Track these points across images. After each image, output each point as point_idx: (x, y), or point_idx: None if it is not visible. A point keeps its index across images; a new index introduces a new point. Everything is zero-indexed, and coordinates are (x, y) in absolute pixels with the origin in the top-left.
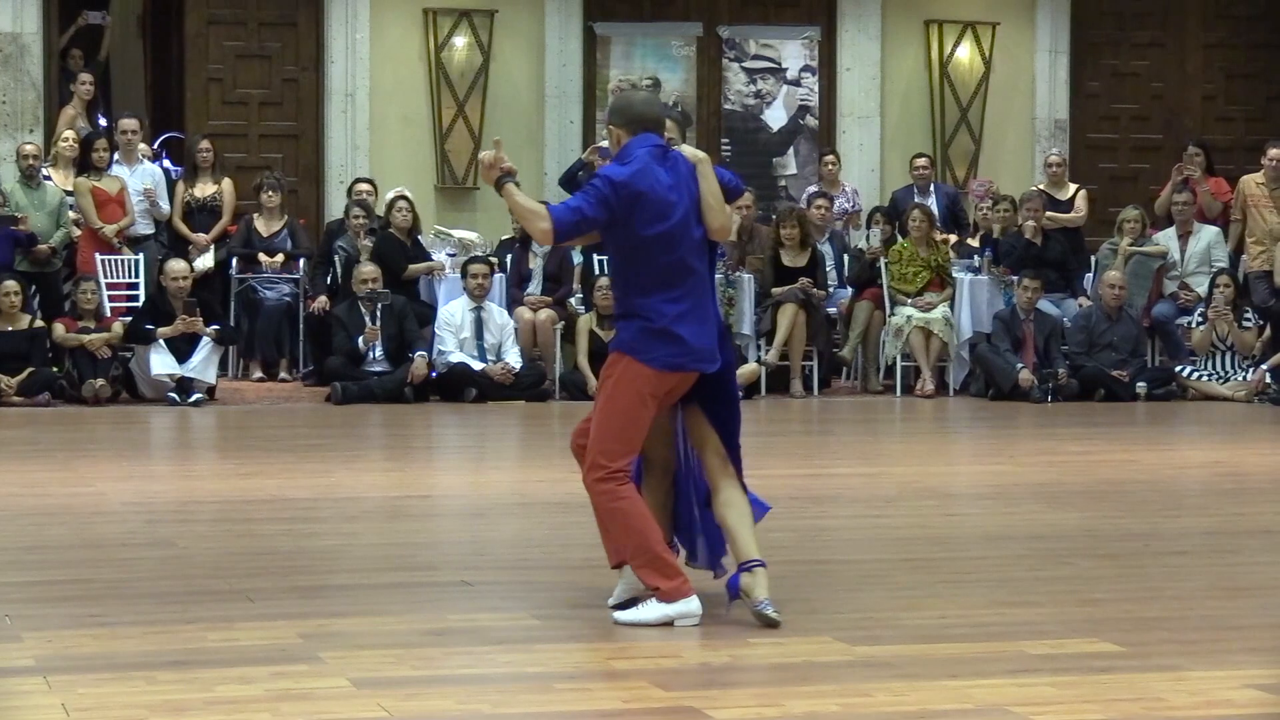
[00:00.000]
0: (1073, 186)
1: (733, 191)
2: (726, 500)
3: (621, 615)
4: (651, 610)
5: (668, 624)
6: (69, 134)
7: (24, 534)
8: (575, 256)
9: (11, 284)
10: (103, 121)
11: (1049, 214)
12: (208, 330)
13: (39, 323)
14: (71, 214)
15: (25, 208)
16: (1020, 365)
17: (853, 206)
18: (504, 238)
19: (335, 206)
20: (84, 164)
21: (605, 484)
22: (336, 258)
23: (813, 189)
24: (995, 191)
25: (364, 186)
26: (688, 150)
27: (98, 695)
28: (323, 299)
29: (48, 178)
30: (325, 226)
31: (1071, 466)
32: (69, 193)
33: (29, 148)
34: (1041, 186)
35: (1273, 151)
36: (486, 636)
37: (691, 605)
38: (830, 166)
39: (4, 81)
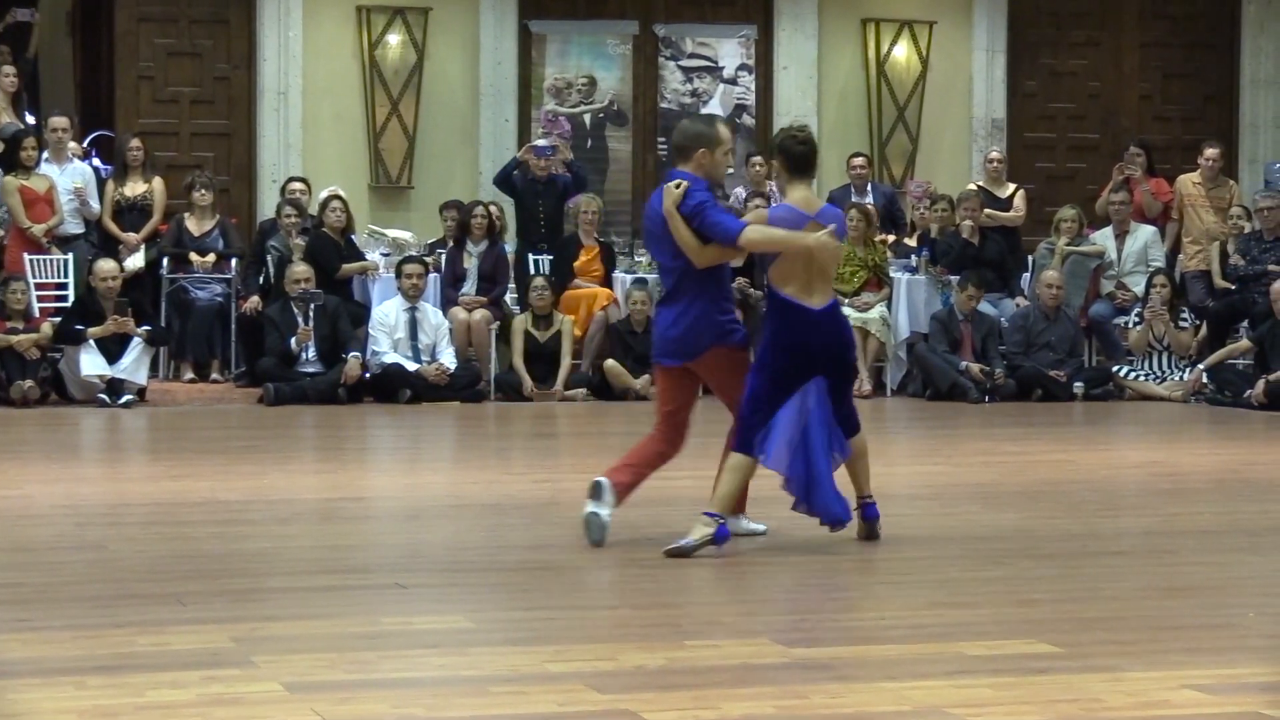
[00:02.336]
0: (1011, 185)
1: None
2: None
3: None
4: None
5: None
6: None
7: None
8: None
9: None
10: (31, 120)
11: (988, 212)
12: (138, 331)
13: None
14: None
15: None
16: (963, 363)
17: None
18: (437, 237)
19: (267, 206)
20: (11, 162)
21: None
22: (269, 257)
23: (742, 191)
24: (933, 192)
25: (297, 185)
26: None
27: (27, 701)
28: (255, 299)
29: None
30: (257, 226)
31: (1009, 467)
32: None
33: None
34: (981, 184)
35: (1209, 151)
36: (421, 640)
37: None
38: (757, 168)
39: None
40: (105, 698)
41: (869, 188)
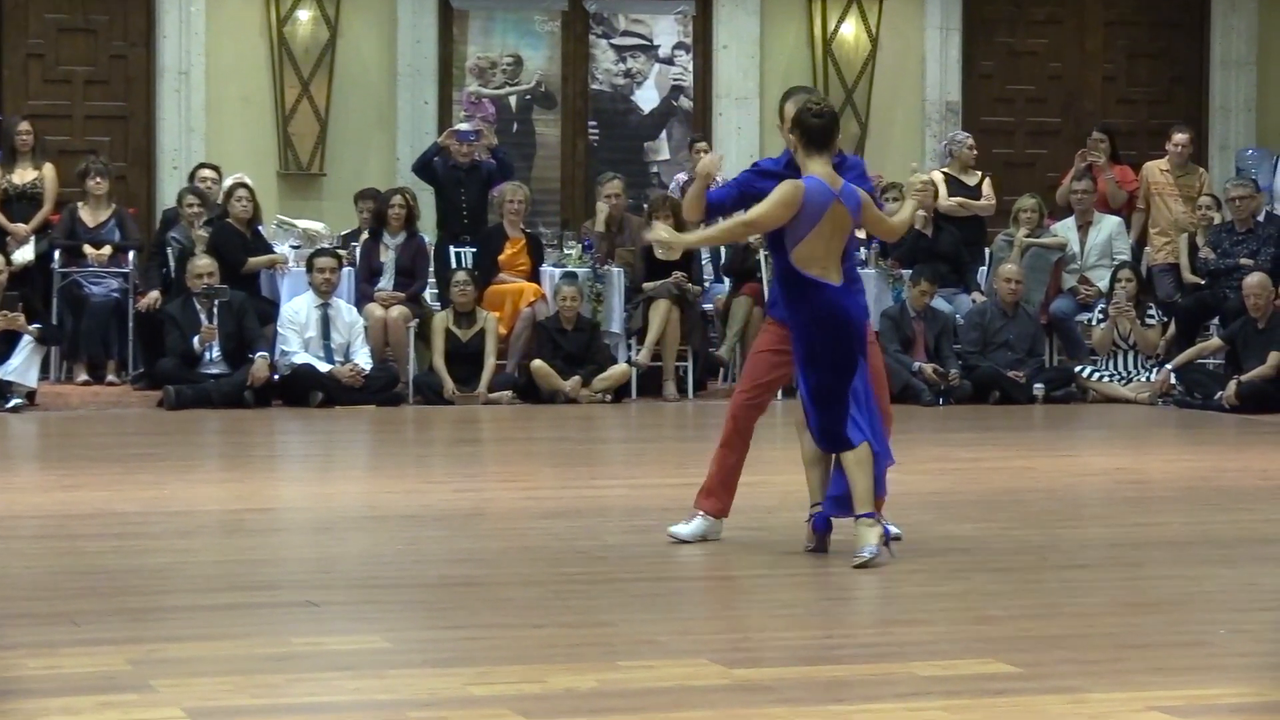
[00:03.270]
0: (979, 173)
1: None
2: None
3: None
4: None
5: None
6: None
7: None
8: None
9: None
10: None
11: (961, 200)
12: (28, 329)
13: None
14: None
15: None
16: (916, 364)
17: None
18: (352, 228)
19: (168, 194)
20: None
21: None
22: (169, 250)
23: (682, 176)
24: (882, 184)
25: (208, 173)
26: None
27: None
28: (154, 295)
29: None
30: (158, 216)
31: (964, 474)
32: None
33: None
34: (946, 170)
35: (1178, 137)
36: (334, 661)
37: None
38: (700, 154)
39: None
40: None
41: None
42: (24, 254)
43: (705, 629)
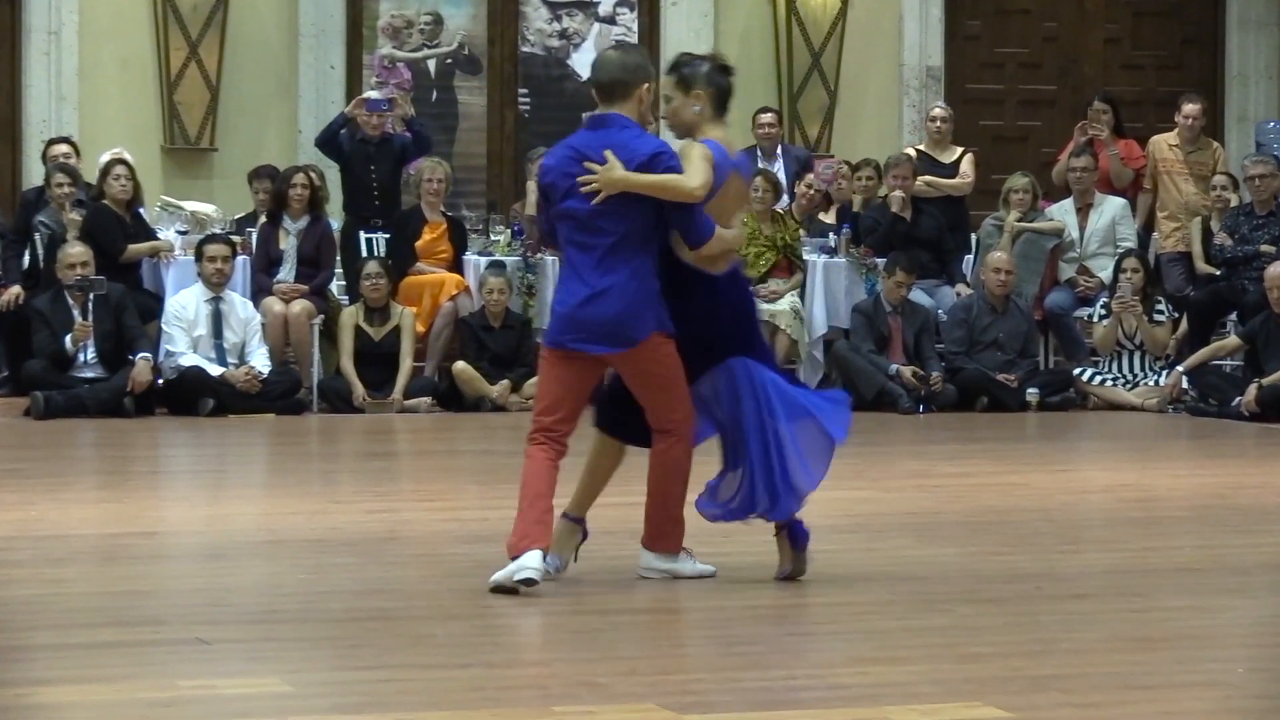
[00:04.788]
0: (957, 149)
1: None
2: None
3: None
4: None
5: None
6: None
7: None
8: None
9: None
10: None
11: (928, 179)
12: None
13: None
14: None
15: None
16: (893, 365)
17: None
18: (247, 211)
19: (35, 173)
20: None
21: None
22: (36, 236)
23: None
24: (845, 173)
25: (62, 148)
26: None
27: None
28: (16, 289)
29: None
30: (20, 197)
31: (948, 492)
32: None
33: None
34: (920, 147)
35: (1189, 108)
36: (228, 707)
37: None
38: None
39: None
40: None
41: (778, 150)
42: None
43: (651, 669)
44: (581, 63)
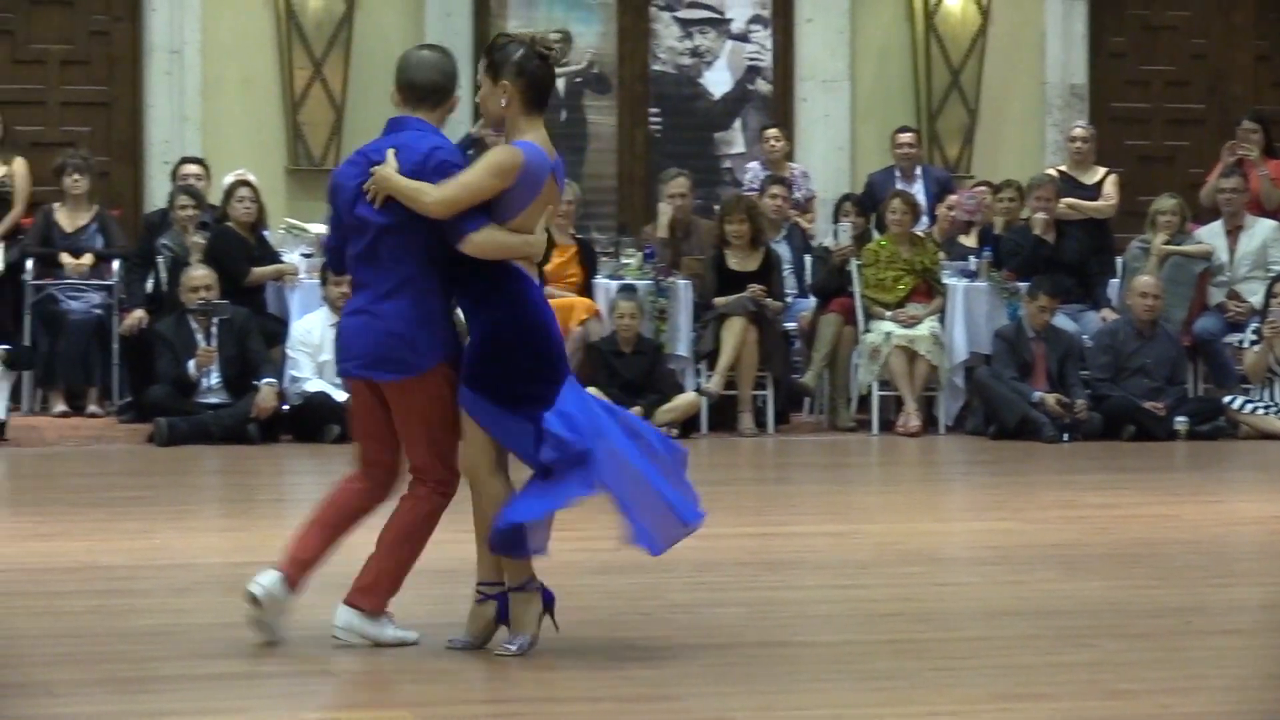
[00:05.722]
0: (1100, 169)
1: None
2: None
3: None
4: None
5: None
6: None
7: None
8: None
9: None
10: None
11: (1071, 201)
12: None
13: None
14: None
15: None
16: (1036, 393)
17: (803, 195)
18: None
19: (158, 194)
20: None
21: None
22: (160, 259)
23: (755, 165)
24: (988, 203)
25: (192, 169)
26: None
27: None
28: (140, 312)
29: None
30: (144, 219)
31: (1093, 523)
32: None
33: None
34: (1062, 169)
35: None
36: None
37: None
38: (774, 144)
39: None
40: None
41: (918, 171)
42: None
43: (788, 704)
44: (715, 81)
